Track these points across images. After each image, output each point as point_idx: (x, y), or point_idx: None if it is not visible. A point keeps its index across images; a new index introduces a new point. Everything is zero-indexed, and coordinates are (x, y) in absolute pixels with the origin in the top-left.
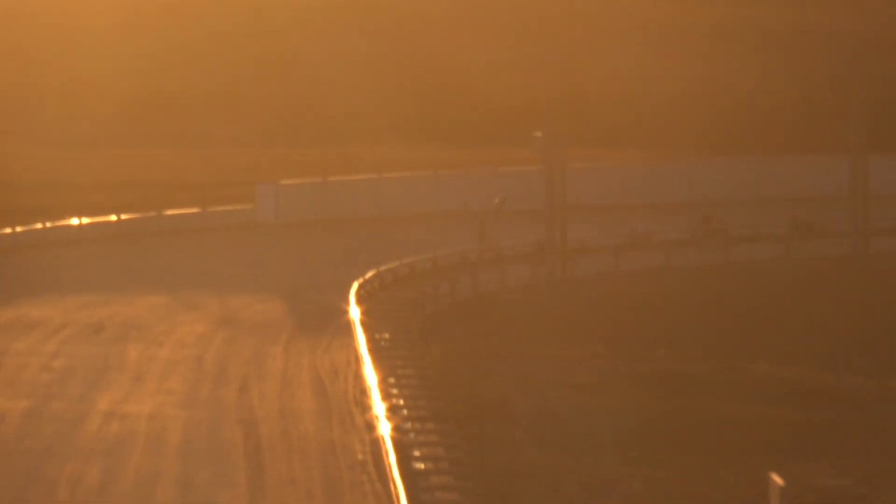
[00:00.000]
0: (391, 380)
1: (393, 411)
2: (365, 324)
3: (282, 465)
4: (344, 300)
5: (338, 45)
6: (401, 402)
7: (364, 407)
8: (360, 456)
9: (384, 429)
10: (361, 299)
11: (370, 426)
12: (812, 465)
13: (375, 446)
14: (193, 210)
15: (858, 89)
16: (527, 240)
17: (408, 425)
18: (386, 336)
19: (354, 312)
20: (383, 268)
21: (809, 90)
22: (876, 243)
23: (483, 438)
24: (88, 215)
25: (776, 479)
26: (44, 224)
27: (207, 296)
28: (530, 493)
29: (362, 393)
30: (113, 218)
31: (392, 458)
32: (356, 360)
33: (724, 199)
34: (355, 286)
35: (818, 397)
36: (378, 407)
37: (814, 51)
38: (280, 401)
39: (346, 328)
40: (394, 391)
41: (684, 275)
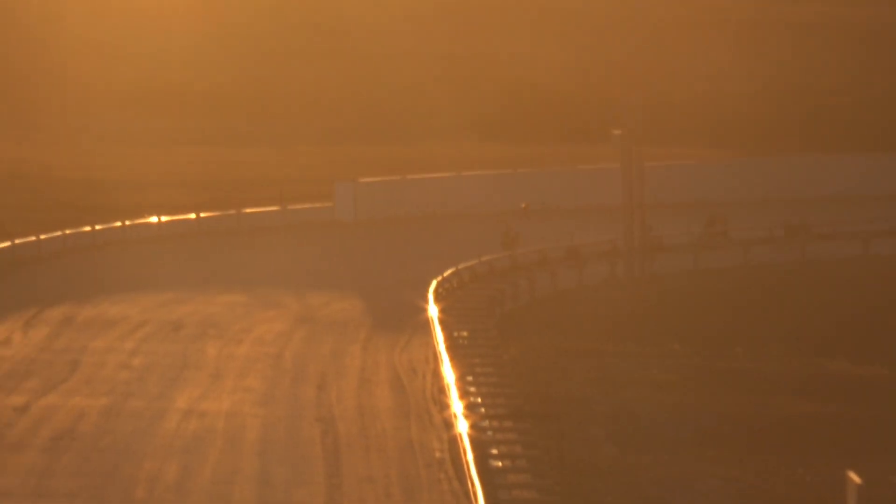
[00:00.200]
0: (469, 377)
1: (471, 409)
2: (443, 321)
3: (359, 463)
4: (422, 298)
5: (417, 43)
6: (479, 400)
7: (442, 405)
8: (438, 454)
9: (462, 427)
10: (440, 297)
11: (448, 424)
12: (890, 464)
13: (453, 444)
14: (272, 208)
15: None
16: (604, 237)
17: (486, 423)
18: (464, 334)
19: (433, 310)
20: (462, 265)
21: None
22: None
23: (561, 436)
24: (167, 213)
25: (853, 478)
26: (123, 222)
27: (286, 293)
28: (607, 491)
29: (440, 391)
30: (192, 216)
31: (470, 457)
32: (434, 358)
33: (807, 198)
34: (434, 284)
35: None
36: (456, 405)
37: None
38: (358, 398)
39: (425, 326)
40: (472, 389)
41: (762, 272)
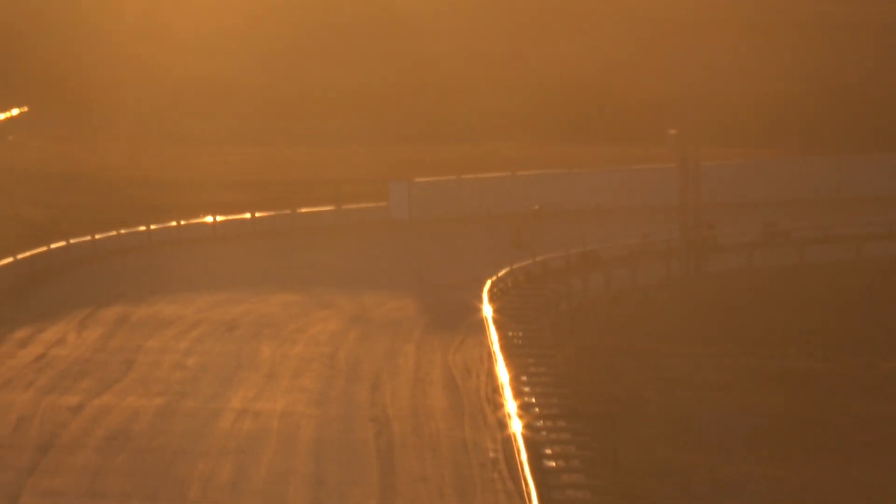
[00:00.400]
0: (523, 378)
1: (525, 409)
2: (497, 322)
3: (413, 463)
4: (477, 298)
5: (472, 44)
6: (533, 400)
7: (496, 405)
8: (492, 454)
9: (516, 427)
10: (494, 297)
11: (502, 424)
12: None
13: (507, 444)
14: (327, 207)
15: None
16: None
17: (539, 423)
18: (518, 334)
19: (487, 310)
20: (516, 265)
21: None
22: None
23: (615, 436)
24: (222, 213)
25: None
26: (178, 222)
27: (340, 293)
28: (661, 492)
29: (494, 391)
30: (247, 215)
31: (524, 457)
32: (488, 358)
33: (854, 196)
34: (488, 284)
35: None
36: (510, 405)
37: None
38: (412, 398)
39: (479, 326)
40: (526, 389)
41: (817, 271)
